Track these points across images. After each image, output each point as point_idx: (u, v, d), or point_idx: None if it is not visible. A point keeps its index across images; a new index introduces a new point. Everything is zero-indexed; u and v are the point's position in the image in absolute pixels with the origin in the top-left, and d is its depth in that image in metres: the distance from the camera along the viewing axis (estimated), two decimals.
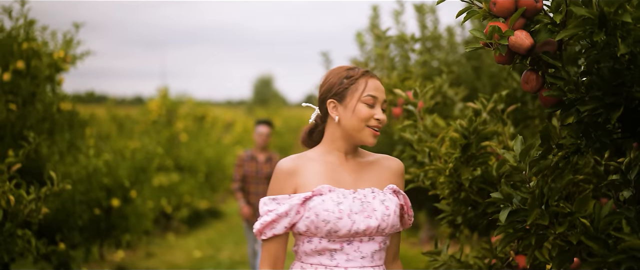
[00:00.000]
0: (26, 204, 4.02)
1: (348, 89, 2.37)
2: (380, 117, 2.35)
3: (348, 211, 2.29)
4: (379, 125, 2.37)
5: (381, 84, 2.42)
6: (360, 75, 2.38)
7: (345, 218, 2.28)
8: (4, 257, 4.05)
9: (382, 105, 2.39)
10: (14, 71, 6.70)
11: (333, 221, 2.27)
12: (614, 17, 2.07)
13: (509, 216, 2.21)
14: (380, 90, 2.38)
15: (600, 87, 2.19)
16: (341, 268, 2.32)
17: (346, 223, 2.28)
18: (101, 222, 6.92)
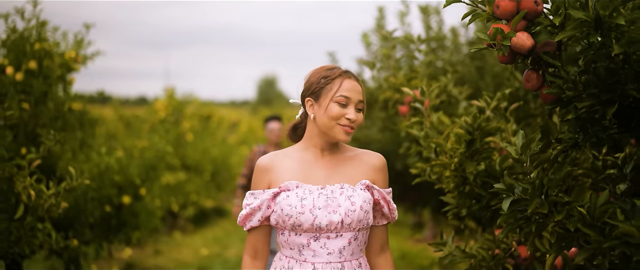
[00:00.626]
0: (46, 198, 4.20)
1: (323, 89, 2.52)
2: (351, 116, 2.48)
3: (310, 206, 2.44)
4: (351, 124, 2.50)
5: (360, 85, 2.55)
6: (336, 75, 2.52)
7: (307, 213, 2.43)
8: (25, 249, 4.22)
9: (358, 106, 2.52)
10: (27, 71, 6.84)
11: (295, 216, 2.44)
12: (608, 20, 2.23)
13: (511, 205, 2.38)
14: (354, 91, 2.51)
15: (597, 85, 2.36)
16: (309, 263, 2.47)
17: (308, 218, 2.43)
18: (112, 218, 7.08)
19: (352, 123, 2.50)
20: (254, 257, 2.60)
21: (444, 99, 4.35)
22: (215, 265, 8.48)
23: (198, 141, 12.26)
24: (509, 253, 3.20)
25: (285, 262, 2.52)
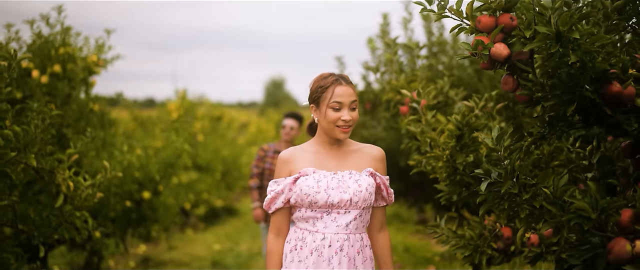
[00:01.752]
0: (83, 189, 4.74)
1: (320, 97, 3.09)
2: (346, 117, 3.05)
3: (325, 187, 3.02)
4: (346, 125, 3.07)
5: (351, 88, 3.09)
6: (329, 84, 3.08)
7: (322, 192, 3.01)
8: (65, 234, 4.76)
9: (351, 106, 3.07)
10: (51, 74, 7.36)
11: (312, 194, 3.02)
12: (567, 34, 2.77)
13: (488, 186, 2.93)
14: (346, 95, 3.05)
15: (560, 88, 2.89)
16: (320, 233, 3.04)
17: (323, 196, 3.01)
18: (132, 213, 7.63)
19: (347, 122, 3.06)
20: (277, 235, 3.16)
21: (441, 100, 4.88)
22: (227, 259, 9.02)
23: (209, 141, 12.82)
24: (494, 233, 3.73)
25: (299, 234, 3.08)
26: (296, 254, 3.07)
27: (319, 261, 3.00)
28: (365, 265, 3.06)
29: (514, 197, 2.94)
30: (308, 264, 3.02)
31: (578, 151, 3.56)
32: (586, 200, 2.70)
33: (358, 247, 3.05)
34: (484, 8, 3.03)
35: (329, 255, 3.00)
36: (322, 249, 3.01)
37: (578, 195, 2.77)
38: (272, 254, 3.15)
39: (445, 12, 3.12)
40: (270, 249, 3.16)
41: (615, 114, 2.94)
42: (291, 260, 3.08)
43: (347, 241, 3.02)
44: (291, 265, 3.07)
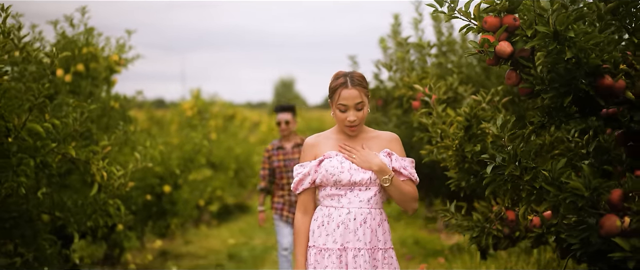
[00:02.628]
0: (116, 179, 5.13)
1: (331, 97, 3.52)
2: (351, 118, 3.43)
3: (348, 167, 3.43)
4: (352, 124, 3.45)
5: (356, 90, 3.42)
6: (338, 86, 3.47)
7: (346, 172, 3.41)
8: (99, 221, 5.16)
9: (357, 106, 3.45)
10: (75, 73, 7.73)
11: (337, 174, 3.42)
12: (563, 33, 3.14)
13: (493, 170, 3.30)
14: (350, 98, 3.42)
15: (557, 81, 3.26)
16: (345, 208, 3.43)
17: (346, 175, 3.41)
18: (153, 206, 8.03)
19: (353, 122, 3.45)
20: (304, 213, 3.55)
21: (451, 95, 5.25)
22: (243, 252, 9.40)
23: (222, 140, 13.23)
24: (499, 217, 4.10)
25: (325, 211, 3.47)
26: (324, 228, 3.45)
27: (345, 233, 3.39)
28: (385, 237, 3.45)
29: (516, 179, 3.31)
30: (335, 237, 3.40)
31: (577, 141, 3.93)
32: (580, 180, 3.07)
33: (378, 221, 3.43)
34: (489, 10, 3.40)
35: (354, 227, 3.39)
36: (348, 222, 3.40)
37: (574, 177, 3.14)
38: (300, 230, 3.53)
39: (454, 14, 3.50)
40: (297, 226, 3.54)
41: (608, 105, 3.30)
42: (319, 235, 3.46)
43: (369, 215, 3.40)
44: (319, 239, 3.46)
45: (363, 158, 3.42)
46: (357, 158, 3.43)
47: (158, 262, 9.12)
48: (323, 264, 3.43)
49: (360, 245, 3.40)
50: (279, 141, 6.96)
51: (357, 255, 3.40)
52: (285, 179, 6.82)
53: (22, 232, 5.05)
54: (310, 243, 3.52)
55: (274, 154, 6.87)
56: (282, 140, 6.93)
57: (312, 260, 3.48)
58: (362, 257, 3.40)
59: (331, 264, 3.41)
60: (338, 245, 3.42)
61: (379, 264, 3.43)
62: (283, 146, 6.87)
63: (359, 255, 3.40)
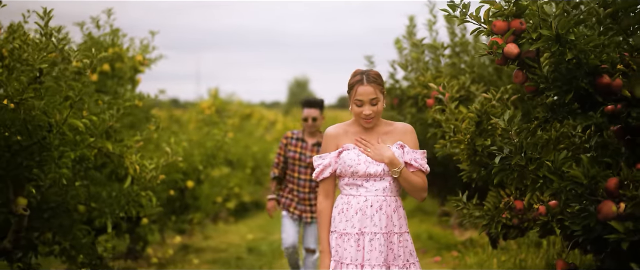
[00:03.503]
0: (148, 171, 5.52)
1: (349, 93, 3.90)
2: (366, 112, 3.81)
3: (364, 160, 3.81)
4: (368, 117, 3.83)
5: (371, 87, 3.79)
6: (354, 83, 3.85)
7: (362, 164, 3.80)
8: (132, 211, 5.55)
9: (372, 102, 3.82)
10: (101, 73, 8.12)
11: (354, 166, 3.80)
12: (565, 36, 3.49)
13: (501, 160, 3.67)
14: (366, 94, 3.80)
15: (560, 80, 3.62)
16: (363, 196, 3.81)
17: (362, 167, 3.79)
18: (176, 201, 8.42)
19: (368, 116, 3.83)
20: (326, 197, 3.94)
21: (463, 94, 5.60)
22: (262, 246, 9.78)
23: (239, 138, 13.64)
24: (508, 206, 4.46)
25: (345, 199, 3.84)
26: (343, 215, 3.83)
27: (363, 218, 3.77)
28: (400, 222, 3.82)
29: (522, 168, 3.67)
30: (354, 222, 3.78)
31: (580, 135, 4.27)
32: (580, 170, 3.43)
33: (394, 207, 3.80)
34: (498, 14, 3.76)
35: (371, 213, 3.77)
36: (366, 209, 3.77)
37: (574, 167, 3.50)
38: (322, 212, 3.93)
39: (466, 18, 3.86)
40: (320, 209, 3.94)
41: (606, 102, 3.66)
42: (340, 221, 3.84)
43: (385, 202, 3.78)
44: (340, 225, 3.83)
45: (376, 151, 3.79)
46: (371, 151, 3.80)
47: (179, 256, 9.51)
48: (343, 247, 3.81)
49: (376, 229, 3.78)
50: (302, 133, 6.61)
51: (373, 239, 3.77)
52: (296, 173, 6.56)
53: (60, 222, 5.44)
54: (331, 228, 3.90)
55: (292, 143, 6.58)
56: (305, 133, 6.58)
57: (334, 243, 3.86)
58: (378, 240, 3.77)
59: (350, 247, 3.79)
60: (356, 230, 3.80)
61: (394, 247, 3.80)
62: (304, 139, 6.56)
63: (374, 239, 3.77)
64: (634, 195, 3.38)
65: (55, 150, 4.85)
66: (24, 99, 4.62)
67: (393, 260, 3.79)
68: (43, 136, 4.82)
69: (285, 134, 6.74)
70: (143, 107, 8.63)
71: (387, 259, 3.78)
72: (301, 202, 6.57)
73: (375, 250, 3.76)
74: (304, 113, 6.53)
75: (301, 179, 6.55)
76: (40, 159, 4.86)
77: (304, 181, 6.54)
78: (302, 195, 6.56)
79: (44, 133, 4.82)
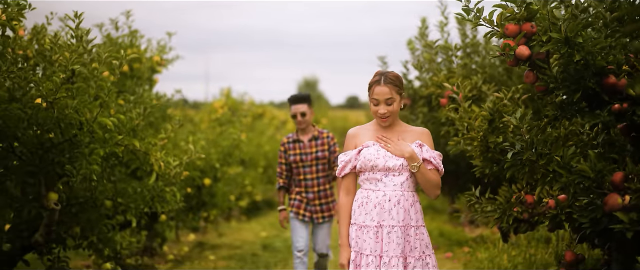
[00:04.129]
0: (172, 168, 5.79)
1: (368, 93, 4.19)
2: (382, 111, 4.09)
3: (383, 155, 4.08)
4: (383, 116, 4.11)
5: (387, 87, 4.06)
6: (372, 83, 4.15)
7: (381, 158, 4.07)
8: (157, 206, 5.82)
9: (387, 101, 4.09)
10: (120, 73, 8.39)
11: (373, 160, 4.07)
12: (573, 39, 3.75)
13: (513, 156, 3.93)
14: (381, 93, 4.08)
15: (568, 80, 3.87)
16: (381, 191, 4.08)
17: (382, 161, 4.06)
18: (193, 199, 8.69)
19: (383, 115, 4.11)
20: (347, 194, 4.21)
21: (475, 93, 5.86)
22: (276, 243, 10.06)
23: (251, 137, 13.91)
24: (519, 200, 4.71)
25: (365, 193, 4.11)
26: (363, 208, 4.10)
27: (381, 212, 4.03)
28: (417, 216, 4.08)
29: (532, 163, 3.93)
30: (373, 215, 4.04)
31: (588, 133, 4.53)
32: (587, 164, 3.69)
33: (411, 202, 4.06)
34: (510, 18, 4.02)
35: (389, 207, 4.03)
36: (384, 203, 4.04)
37: (582, 161, 3.75)
38: (343, 207, 4.21)
39: (480, 21, 4.12)
40: (341, 203, 4.21)
41: (612, 101, 3.91)
42: (359, 214, 4.11)
43: (402, 196, 4.04)
44: (359, 217, 4.10)
45: (396, 147, 4.06)
46: (392, 147, 4.07)
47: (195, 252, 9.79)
48: (363, 239, 4.08)
49: (394, 222, 4.04)
50: (296, 134, 6.60)
51: (391, 231, 4.04)
52: (301, 174, 6.52)
53: (88, 216, 5.72)
54: (352, 221, 4.17)
55: (290, 148, 6.55)
56: (298, 133, 6.58)
57: (354, 235, 4.13)
58: (396, 233, 4.03)
59: (369, 238, 4.06)
60: (375, 222, 4.07)
61: (411, 239, 4.06)
62: (300, 139, 6.54)
63: (392, 231, 4.04)
64: (638, 188, 3.64)
65: (86, 148, 5.12)
66: (57, 98, 4.89)
67: (410, 252, 4.05)
68: (74, 134, 5.08)
69: (281, 141, 6.68)
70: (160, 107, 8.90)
71: (404, 251, 4.04)
72: (310, 203, 6.52)
73: (392, 242, 4.02)
74: (292, 110, 6.52)
75: (308, 179, 6.51)
76: (70, 156, 5.13)
77: (312, 180, 6.51)
78: (311, 195, 6.51)
79: (75, 131, 5.08)
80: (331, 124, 22.56)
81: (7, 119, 4.86)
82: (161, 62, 9.18)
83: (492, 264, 7.04)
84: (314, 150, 6.47)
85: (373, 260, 4.04)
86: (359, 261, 4.09)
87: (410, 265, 4.04)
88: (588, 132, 4.51)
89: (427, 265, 4.09)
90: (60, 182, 5.35)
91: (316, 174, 6.51)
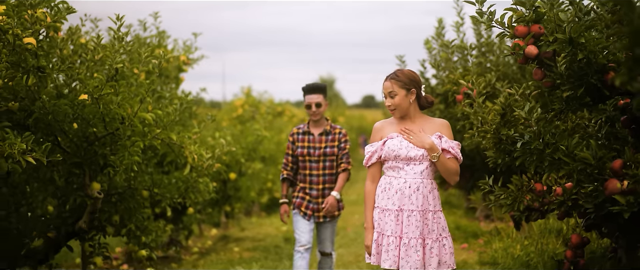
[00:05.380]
0: (205, 160, 6.28)
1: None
2: (387, 103, 4.63)
3: (406, 146, 4.54)
4: (389, 108, 4.62)
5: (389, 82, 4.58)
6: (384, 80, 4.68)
7: (404, 149, 4.54)
8: (191, 196, 6.31)
9: (390, 94, 4.59)
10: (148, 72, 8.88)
11: (397, 150, 4.55)
12: (576, 39, 4.19)
13: (522, 145, 4.38)
14: (385, 88, 4.61)
15: (573, 77, 4.32)
16: (402, 178, 4.55)
17: (404, 151, 4.53)
18: (218, 192, 9.18)
19: (389, 107, 4.62)
20: (372, 181, 4.68)
21: (489, 90, 6.30)
22: None
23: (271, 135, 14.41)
24: (529, 188, 5.16)
25: (388, 180, 4.58)
26: (386, 193, 4.57)
27: (402, 197, 4.50)
28: (435, 201, 4.54)
29: (540, 152, 4.38)
30: (394, 200, 4.51)
31: (593, 126, 4.97)
32: (589, 152, 4.14)
33: (429, 188, 4.53)
34: (520, 20, 4.47)
35: (409, 194, 4.49)
36: (404, 189, 4.50)
37: (585, 150, 4.20)
38: (369, 193, 4.68)
39: (492, 23, 4.57)
40: (367, 190, 4.69)
41: (612, 95, 4.36)
42: (382, 198, 4.58)
43: (422, 184, 4.50)
44: (382, 201, 4.56)
45: (418, 138, 4.52)
46: (414, 138, 4.53)
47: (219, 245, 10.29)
48: (384, 221, 4.55)
49: (413, 207, 4.50)
50: (307, 125, 6.46)
51: (410, 215, 4.50)
52: (307, 169, 6.38)
53: (127, 205, 6.22)
54: (375, 204, 4.63)
55: (299, 139, 6.42)
56: (310, 124, 6.44)
57: (377, 217, 4.61)
58: (414, 217, 4.49)
59: (390, 221, 4.53)
60: (396, 207, 4.53)
61: (429, 223, 4.52)
62: (310, 132, 6.40)
63: (412, 215, 4.50)
64: (635, 174, 4.08)
65: (127, 140, 5.61)
66: (102, 94, 5.38)
67: (428, 234, 4.51)
68: (116, 127, 5.57)
69: (291, 131, 6.52)
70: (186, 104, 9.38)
71: (423, 233, 4.50)
72: (313, 200, 6.35)
73: (412, 225, 4.48)
74: (306, 100, 6.36)
75: (313, 176, 6.35)
76: (112, 148, 5.62)
77: (317, 176, 6.34)
78: (314, 192, 6.34)
79: (117, 125, 5.57)
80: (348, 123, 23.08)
81: (56, 114, 5.36)
82: (187, 61, 9.68)
83: (505, 253, 7.48)
84: (323, 146, 6.32)
85: (393, 241, 4.50)
86: (380, 241, 4.56)
87: (428, 246, 4.49)
88: (593, 125, 4.95)
89: (443, 247, 4.54)
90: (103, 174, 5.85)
91: (322, 170, 6.34)
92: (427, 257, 4.48)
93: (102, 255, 6.29)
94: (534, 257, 6.95)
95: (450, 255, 4.53)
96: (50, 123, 5.39)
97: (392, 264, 4.49)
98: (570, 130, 5.08)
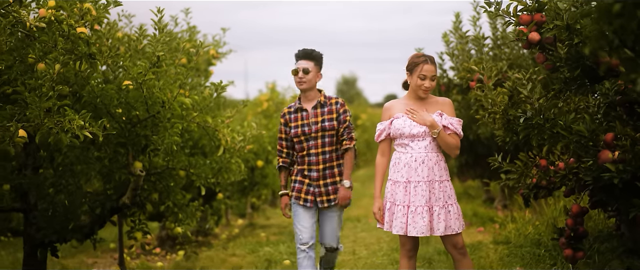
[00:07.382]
0: (237, 143, 6.91)
1: (413, 69, 5.13)
2: (427, 85, 5.06)
3: (409, 124, 5.09)
4: (428, 89, 5.07)
5: (433, 66, 5.11)
6: (421, 62, 5.11)
7: (407, 127, 5.08)
8: (225, 176, 6.95)
9: (432, 78, 5.09)
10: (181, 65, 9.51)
11: (401, 128, 5.10)
12: (573, 25, 4.78)
13: (524, 121, 4.97)
14: (429, 71, 5.02)
15: (571, 59, 4.90)
16: (409, 153, 5.10)
17: (407, 129, 5.07)
18: (245, 180, 9.82)
19: (427, 88, 5.12)
20: (382, 155, 5.30)
21: (501, 78, 6.89)
22: None
23: None
24: (535, 165, 5.75)
25: (397, 155, 5.20)
26: (395, 167, 5.18)
27: (409, 170, 5.11)
28: (440, 172, 5.12)
29: (540, 126, 4.97)
30: (403, 173, 5.12)
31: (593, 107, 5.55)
32: (584, 126, 4.72)
33: (434, 161, 5.10)
34: (523, 9, 5.06)
35: (415, 166, 5.09)
36: (411, 163, 5.10)
37: (580, 123, 4.79)
38: (379, 165, 5.31)
39: (499, 13, 5.17)
40: (377, 162, 5.31)
41: (607, 77, 4.94)
42: (393, 172, 5.20)
43: (426, 157, 5.09)
44: (393, 175, 5.17)
45: (420, 117, 5.09)
46: (417, 117, 5.11)
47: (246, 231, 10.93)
48: (395, 192, 5.14)
49: (419, 178, 5.07)
50: (299, 101, 5.82)
51: (417, 186, 5.08)
52: (304, 150, 5.75)
53: (166, 183, 6.87)
54: (388, 177, 5.22)
55: (291, 119, 5.81)
56: (302, 100, 5.81)
57: (390, 189, 5.20)
58: (421, 187, 5.07)
59: (400, 192, 5.12)
60: (404, 179, 5.12)
61: (435, 192, 5.09)
62: (303, 108, 5.77)
63: (418, 186, 5.08)
64: (624, 144, 4.66)
65: (168, 122, 6.26)
66: (146, 80, 6.02)
67: (435, 202, 5.08)
68: (157, 111, 6.22)
69: (281, 112, 5.92)
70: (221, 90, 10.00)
71: (430, 201, 5.06)
72: (314, 183, 5.74)
73: (418, 195, 5.06)
74: (295, 66, 5.77)
75: (312, 155, 5.72)
76: (153, 130, 6.26)
77: (316, 155, 5.71)
78: (314, 174, 5.73)
79: (158, 108, 6.22)
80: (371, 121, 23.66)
81: (103, 98, 6.02)
82: (216, 55, 10.32)
83: (518, 233, 8.06)
84: (319, 120, 5.68)
85: (401, 209, 5.09)
86: (392, 209, 5.16)
87: (435, 213, 5.06)
88: (593, 106, 5.53)
89: (449, 213, 5.10)
90: (144, 153, 6.49)
91: (322, 148, 5.71)
92: (434, 222, 5.04)
93: (141, 231, 6.93)
94: (545, 236, 7.51)
95: (456, 220, 5.08)
96: (98, 106, 6.05)
97: (399, 229, 5.08)
98: (572, 111, 5.65)
